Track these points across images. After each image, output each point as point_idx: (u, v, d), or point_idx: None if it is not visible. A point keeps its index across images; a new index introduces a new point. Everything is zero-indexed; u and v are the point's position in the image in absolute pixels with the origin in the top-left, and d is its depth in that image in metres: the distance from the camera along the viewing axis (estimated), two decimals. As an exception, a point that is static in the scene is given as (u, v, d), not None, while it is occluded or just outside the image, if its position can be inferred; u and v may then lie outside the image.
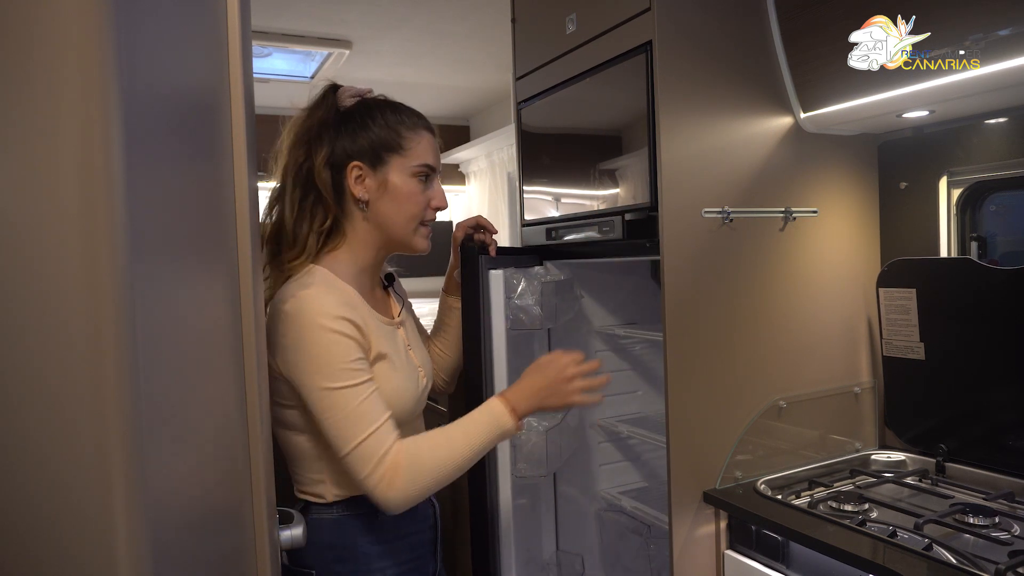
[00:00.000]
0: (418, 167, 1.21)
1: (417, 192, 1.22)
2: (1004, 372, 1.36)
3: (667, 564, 1.37)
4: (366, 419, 1.06)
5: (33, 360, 0.51)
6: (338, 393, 1.06)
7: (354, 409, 1.06)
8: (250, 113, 0.78)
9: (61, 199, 0.50)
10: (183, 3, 0.68)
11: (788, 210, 1.46)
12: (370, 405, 1.08)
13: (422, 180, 1.23)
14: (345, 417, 1.05)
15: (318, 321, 1.06)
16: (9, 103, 0.49)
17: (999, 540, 1.12)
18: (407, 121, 1.23)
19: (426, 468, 1.08)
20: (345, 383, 1.06)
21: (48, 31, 0.49)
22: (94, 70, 0.50)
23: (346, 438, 1.06)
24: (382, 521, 1.18)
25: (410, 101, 1.28)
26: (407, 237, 1.23)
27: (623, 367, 1.91)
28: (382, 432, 1.07)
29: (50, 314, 0.50)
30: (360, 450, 1.05)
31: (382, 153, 1.20)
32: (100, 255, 0.50)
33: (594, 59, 1.49)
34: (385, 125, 1.21)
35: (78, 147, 0.50)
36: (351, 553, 1.16)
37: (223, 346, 0.74)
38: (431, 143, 1.25)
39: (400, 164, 1.20)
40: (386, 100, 1.26)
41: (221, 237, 0.74)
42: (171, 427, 0.60)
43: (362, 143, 1.20)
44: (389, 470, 1.06)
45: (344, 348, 1.07)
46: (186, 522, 0.64)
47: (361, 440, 1.06)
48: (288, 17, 2.49)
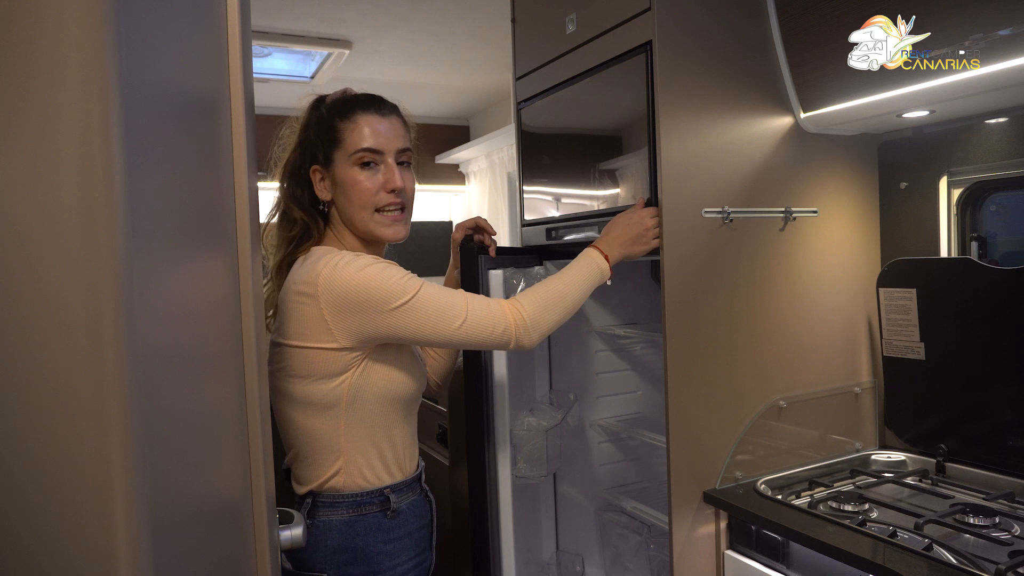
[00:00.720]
0: (356, 154, 1.20)
1: (362, 180, 1.20)
2: (1004, 372, 1.36)
3: (667, 564, 1.37)
4: (454, 297, 1.15)
5: (33, 358, 0.51)
6: (416, 299, 1.12)
7: (437, 298, 1.13)
8: (250, 113, 0.78)
9: (61, 198, 0.50)
10: (183, 3, 0.68)
11: (788, 210, 1.46)
12: (447, 290, 1.16)
13: (366, 166, 1.21)
14: (439, 308, 1.13)
15: (355, 267, 1.11)
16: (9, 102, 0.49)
17: (999, 540, 1.12)
18: (342, 109, 1.22)
19: (548, 299, 1.21)
20: (415, 289, 1.12)
21: (48, 31, 0.49)
22: (94, 70, 0.50)
23: (452, 317, 1.13)
24: (391, 520, 1.19)
25: (410, 101, 1.28)
26: (368, 227, 1.23)
27: (623, 367, 1.91)
28: (473, 296, 1.17)
29: (50, 312, 0.50)
30: (472, 316, 1.14)
31: (328, 152, 1.21)
32: (100, 254, 0.50)
33: (594, 59, 1.49)
34: (323, 122, 1.22)
35: (78, 146, 0.50)
36: (363, 554, 1.17)
37: (223, 344, 0.74)
38: (370, 123, 1.21)
39: (342, 157, 1.21)
40: (338, 96, 1.26)
41: (221, 237, 0.74)
42: (171, 426, 0.60)
43: (314, 146, 1.23)
44: (510, 308, 1.17)
45: (392, 270, 1.14)
46: (186, 522, 0.64)
47: (466, 309, 1.14)
48: (288, 17, 2.49)
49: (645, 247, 1.34)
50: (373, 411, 1.17)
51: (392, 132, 1.23)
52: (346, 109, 1.22)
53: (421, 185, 4.16)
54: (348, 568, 1.16)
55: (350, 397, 1.15)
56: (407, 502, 1.23)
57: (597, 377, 1.86)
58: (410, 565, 1.23)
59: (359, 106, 1.22)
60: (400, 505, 1.21)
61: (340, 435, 1.16)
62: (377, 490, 1.18)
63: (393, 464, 1.21)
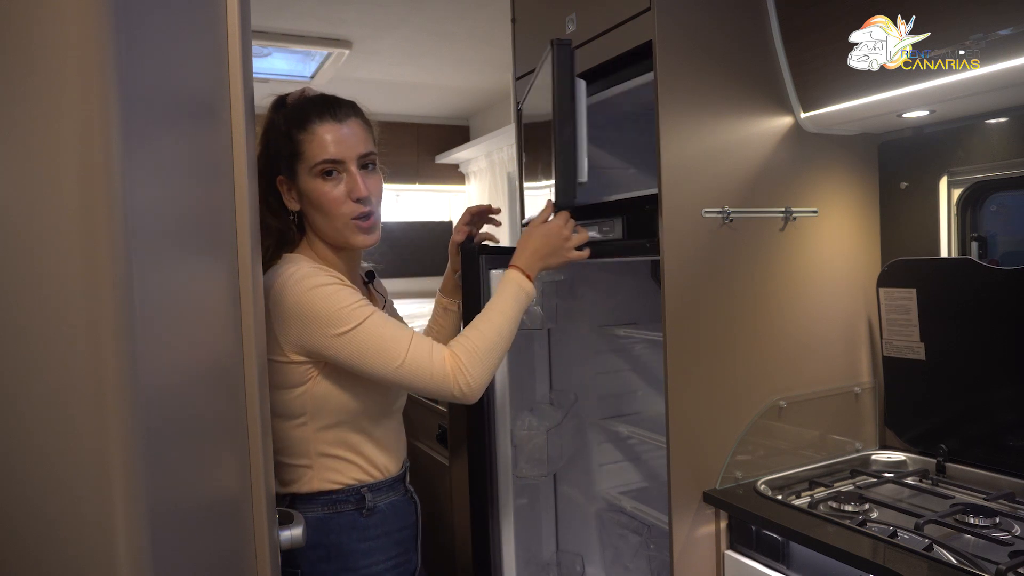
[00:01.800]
0: (317, 166, 1.16)
1: (328, 191, 1.16)
2: (1004, 372, 1.36)
3: (667, 564, 1.37)
4: (399, 335, 1.12)
5: (33, 359, 0.51)
6: (358, 330, 1.09)
7: (381, 334, 1.10)
8: (250, 113, 0.78)
9: (61, 198, 0.50)
10: (183, 3, 0.68)
11: (788, 210, 1.46)
12: (394, 325, 1.13)
13: (328, 175, 1.17)
14: (377, 345, 1.09)
15: (307, 284, 1.09)
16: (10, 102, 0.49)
17: (999, 540, 1.12)
18: (299, 119, 1.18)
19: (483, 346, 1.16)
20: (360, 320, 1.09)
21: (48, 31, 0.49)
22: (94, 70, 0.50)
23: (390, 359, 1.10)
24: (367, 518, 1.19)
25: (410, 101, 1.27)
26: (343, 237, 1.20)
27: (623, 367, 1.91)
28: (419, 338, 1.14)
29: (50, 313, 0.50)
30: (410, 360, 1.10)
31: (290, 164, 1.18)
32: (100, 255, 0.50)
33: (594, 59, 1.49)
34: (281, 135, 1.18)
35: (78, 147, 0.50)
36: (337, 551, 1.17)
37: (223, 344, 0.74)
38: (330, 131, 1.16)
39: (304, 169, 1.17)
40: (296, 99, 1.22)
41: (221, 236, 0.74)
42: (171, 426, 0.60)
43: (276, 159, 1.19)
44: (450, 361, 1.13)
45: (344, 294, 1.11)
46: (186, 522, 0.64)
47: (406, 351, 1.10)
48: (288, 17, 2.49)
49: (563, 259, 1.32)
50: (340, 419, 1.16)
51: (352, 137, 1.17)
52: (302, 118, 1.17)
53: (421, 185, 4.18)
54: (321, 564, 1.16)
55: (313, 408, 1.14)
56: (386, 502, 1.22)
57: (597, 377, 1.86)
58: (388, 565, 1.22)
59: (314, 113, 1.17)
60: (377, 504, 1.21)
61: (310, 441, 1.16)
62: (353, 488, 1.18)
63: (368, 464, 1.20)
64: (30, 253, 0.50)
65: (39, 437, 0.51)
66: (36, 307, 0.50)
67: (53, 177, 0.50)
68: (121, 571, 0.52)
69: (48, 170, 0.50)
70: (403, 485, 1.29)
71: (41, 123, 0.50)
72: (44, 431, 0.51)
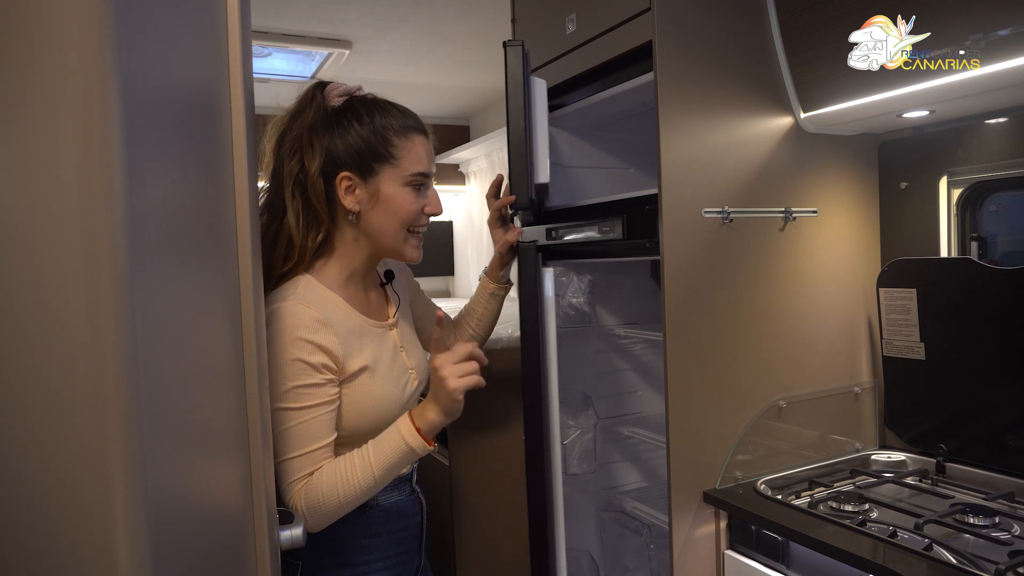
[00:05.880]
0: (411, 176, 1.17)
1: (411, 201, 1.18)
2: (1004, 372, 1.36)
3: (667, 564, 1.37)
4: (292, 442, 1.07)
5: (34, 361, 0.51)
6: (276, 411, 1.06)
7: (285, 430, 1.07)
8: (250, 113, 0.78)
9: (61, 199, 0.50)
10: (183, 3, 0.68)
11: (788, 210, 1.46)
12: (303, 431, 1.07)
13: (416, 188, 1.19)
14: (279, 434, 1.06)
15: (282, 339, 1.06)
16: (10, 103, 0.49)
17: (999, 540, 1.12)
18: (396, 126, 1.17)
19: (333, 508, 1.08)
20: (285, 404, 1.06)
21: (48, 31, 0.49)
22: (94, 70, 0.50)
23: (278, 451, 1.07)
24: (369, 516, 1.19)
25: (410, 101, 1.26)
26: (398, 247, 1.20)
27: (623, 367, 1.91)
28: (304, 459, 1.07)
29: (51, 314, 0.50)
30: (283, 466, 1.07)
31: (372, 163, 1.16)
32: (100, 255, 0.50)
33: (594, 59, 1.49)
34: (373, 132, 1.16)
35: (78, 147, 0.50)
36: (339, 546, 1.17)
37: (223, 345, 0.74)
38: (424, 147, 1.19)
39: (392, 174, 1.16)
40: (375, 100, 1.21)
41: (221, 237, 0.74)
42: (171, 427, 0.60)
43: (351, 152, 1.15)
44: (297, 502, 1.07)
45: (294, 372, 1.06)
46: (186, 522, 0.64)
47: (285, 459, 1.07)
48: (288, 17, 2.49)
49: (449, 400, 1.10)
50: (344, 441, 1.15)
51: (433, 157, 1.22)
52: (400, 124, 1.17)
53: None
54: (322, 558, 1.16)
55: None
56: (390, 501, 1.22)
57: (597, 377, 1.86)
58: (387, 563, 1.21)
59: (412, 122, 1.19)
60: (381, 502, 1.20)
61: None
62: None
63: None
64: (30, 253, 0.50)
65: (39, 437, 0.51)
66: (36, 307, 0.50)
67: (53, 177, 0.50)
68: (121, 571, 0.52)
69: (48, 170, 0.50)
70: (409, 485, 1.28)
71: (42, 123, 0.50)
72: (44, 431, 0.51)
